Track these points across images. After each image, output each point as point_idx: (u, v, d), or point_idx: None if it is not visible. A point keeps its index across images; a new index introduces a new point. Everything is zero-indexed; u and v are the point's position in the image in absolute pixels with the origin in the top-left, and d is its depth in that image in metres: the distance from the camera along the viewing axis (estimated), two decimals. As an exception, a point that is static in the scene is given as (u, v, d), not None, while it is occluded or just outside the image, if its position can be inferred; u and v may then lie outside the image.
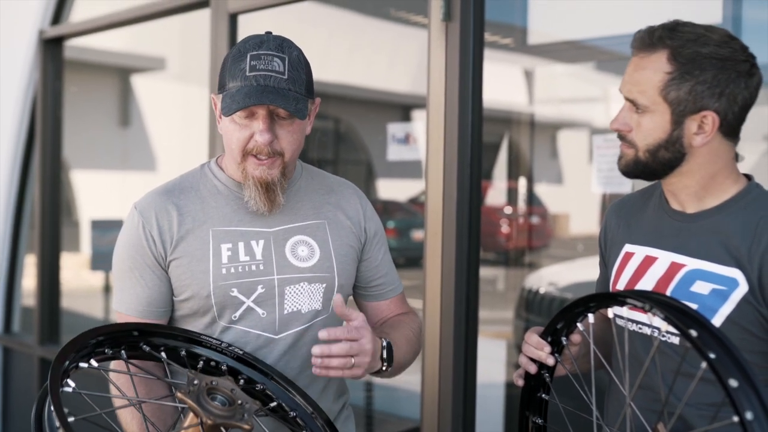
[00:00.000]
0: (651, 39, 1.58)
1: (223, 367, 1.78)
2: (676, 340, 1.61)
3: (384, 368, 1.81)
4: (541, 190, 7.21)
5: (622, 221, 1.81)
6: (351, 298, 2.09)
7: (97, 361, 1.63)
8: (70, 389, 1.48)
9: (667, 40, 1.56)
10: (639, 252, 1.72)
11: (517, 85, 5.72)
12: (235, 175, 1.90)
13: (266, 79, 1.74)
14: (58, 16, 5.13)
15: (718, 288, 1.56)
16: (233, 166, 1.87)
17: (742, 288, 1.54)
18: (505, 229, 6.79)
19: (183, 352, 1.77)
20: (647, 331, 1.66)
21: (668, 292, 1.62)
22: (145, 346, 1.73)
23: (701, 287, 1.58)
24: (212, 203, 1.90)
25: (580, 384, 1.57)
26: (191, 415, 1.55)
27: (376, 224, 2.06)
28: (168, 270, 1.87)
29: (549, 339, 1.62)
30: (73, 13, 5.19)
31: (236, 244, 1.87)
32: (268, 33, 1.84)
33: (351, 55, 6.23)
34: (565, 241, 7.43)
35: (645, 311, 1.37)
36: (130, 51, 7.95)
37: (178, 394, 1.52)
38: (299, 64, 1.81)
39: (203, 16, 3.91)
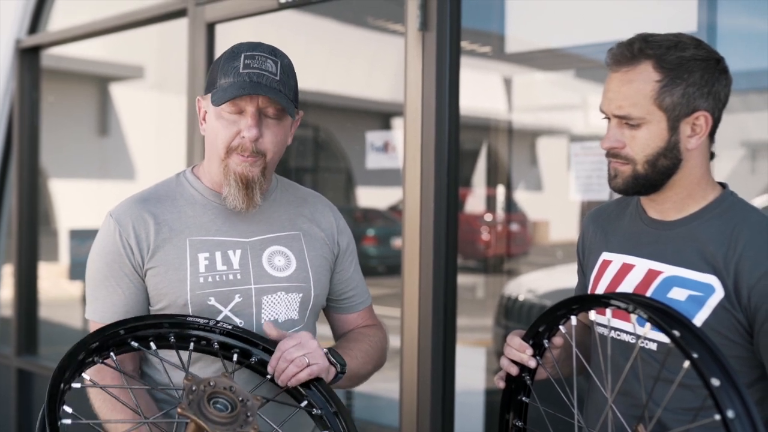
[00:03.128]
0: (631, 52, 1.59)
1: (215, 345, 1.78)
2: (653, 346, 1.63)
3: (339, 371, 1.84)
4: (521, 197, 7.24)
5: (600, 230, 1.82)
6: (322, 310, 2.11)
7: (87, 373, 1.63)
8: (69, 421, 1.49)
9: (647, 51, 1.58)
10: (616, 260, 1.73)
11: (496, 93, 5.75)
12: (214, 181, 1.90)
13: (259, 77, 1.77)
14: (35, 26, 5.11)
15: (695, 294, 1.58)
16: (214, 167, 1.87)
17: (718, 294, 1.56)
18: (485, 236, 6.81)
19: (172, 339, 1.76)
20: (626, 338, 1.68)
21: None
22: (133, 342, 1.73)
23: (678, 293, 1.60)
24: (189, 212, 1.90)
25: (561, 387, 1.58)
26: (192, 426, 1.54)
27: (348, 237, 2.07)
28: (145, 278, 1.86)
29: (531, 342, 1.63)
30: (50, 22, 5.17)
31: (213, 254, 1.87)
32: (261, 42, 1.87)
33: (330, 63, 6.24)
34: (544, 248, 7.46)
35: (628, 312, 1.38)
36: (108, 59, 7.92)
37: (180, 410, 1.50)
38: (290, 70, 1.85)
39: (181, 24, 3.91)
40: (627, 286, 1.68)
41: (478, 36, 4.81)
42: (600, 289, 1.74)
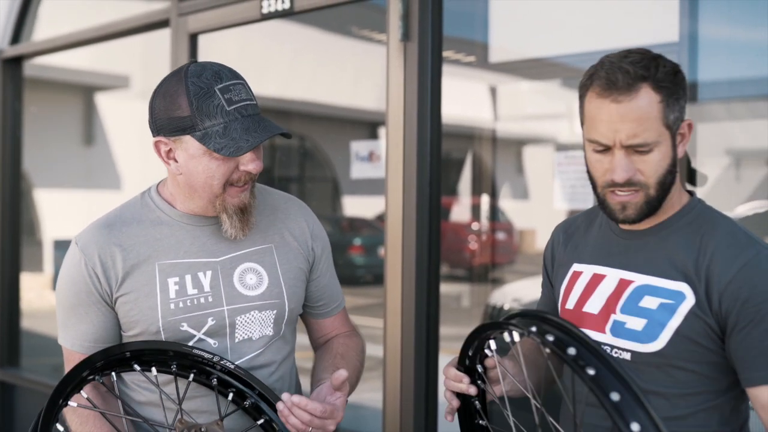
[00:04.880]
0: (632, 79, 1.55)
1: (213, 381, 1.76)
2: (627, 356, 1.63)
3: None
4: (507, 206, 7.25)
5: (570, 242, 1.82)
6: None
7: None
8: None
9: (643, 73, 1.56)
10: (587, 271, 1.73)
11: (482, 102, 5.76)
12: (190, 209, 1.86)
13: (247, 110, 1.73)
14: (17, 36, 5.09)
15: (666, 302, 1.59)
16: (200, 202, 1.82)
17: (689, 301, 1.57)
18: (472, 245, 6.82)
19: (174, 368, 1.75)
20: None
21: (618, 309, 1.64)
22: (136, 366, 1.72)
23: (649, 302, 1.60)
24: (156, 235, 1.85)
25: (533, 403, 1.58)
26: None
27: (322, 242, 2.04)
28: (115, 306, 1.83)
29: (466, 368, 1.63)
30: (34, 32, 5.16)
31: (183, 278, 1.83)
32: (194, 62, 1.81)
33: (316, 72, 6.24)
34: (531, 256, 7.47)
35: (528, 336, 1.36)
36: (94, 69, 7.91)
37: None
38: (250, 87, 1.82)
39: (166, 34, 3.90)
40: (598, 296, 1.68)
41: (463, 45, 4.83)
42: (571, 301, 1.74)
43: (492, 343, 1.51)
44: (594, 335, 1.68)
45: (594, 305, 1.68)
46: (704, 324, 1.56)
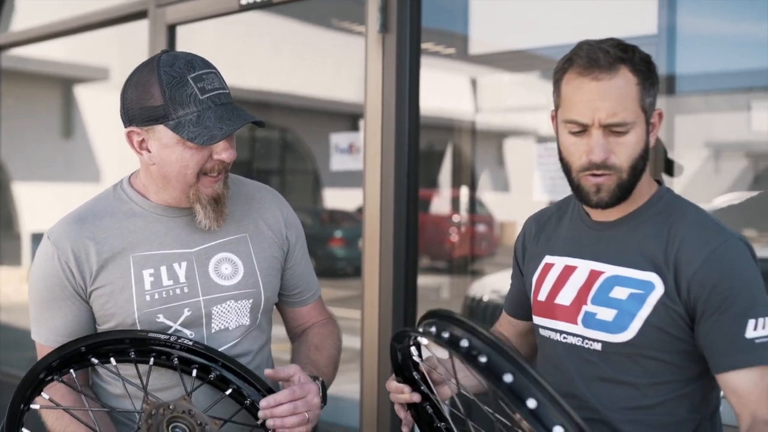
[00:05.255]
0: (612, 59, 1.57)
1: (175, 360, 1.75)
2: (598, 346, 1.64)
3: (322, 407, 1.80)
4: (488, 198, 7.27)
5: (542, 234, 1.83)
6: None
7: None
8: None
9: (621, 55, 1.58)
10: (558, 262, 1.74)
11: (463, 94, 5.77)
12: (163, 200, 1.85)
13: (220, 98, 1.73)
14: (-7, 27, 5.06)
15: (636, 292, 1.60)
16: (173, 192, 1.81)
17: (659, 290, 1.58)
18: (453, 237, 6.83)
19: (132, 354, 1.74)
20: (572, 340, 1.68)
21: (589, 299, 1.65)
22: (93, 359, 1.70)
23: (620, 292, 1.61)
24: (130, 227, 1.84)
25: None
26: None
27: (297, 231, 2.03)
28: (89, 300, 1.82)
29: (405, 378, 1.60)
30: (12, 22, 5.12)
31: (158, 269, 1.82)
32: (166, 51, 1.80)
33: (296, 64, 6.23)
34: (511, 248, 7.48)
35: (432, 340, 1.31)
36: (73, 61, 7.86)
37: None
38: (222, 76, 1.81)
39: (145, 25, 3.88)
40: (570, 287, 1.69)
41: (443, 37, 4.83)
42: (543, 292, 1.75)
43: (414, 350, 1.48)
44: (566, 326, 1.69)
45: (566, 297, 1.69)
46: (673, 313, 1.57)
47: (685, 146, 4.40)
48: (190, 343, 1.77)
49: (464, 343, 1.15)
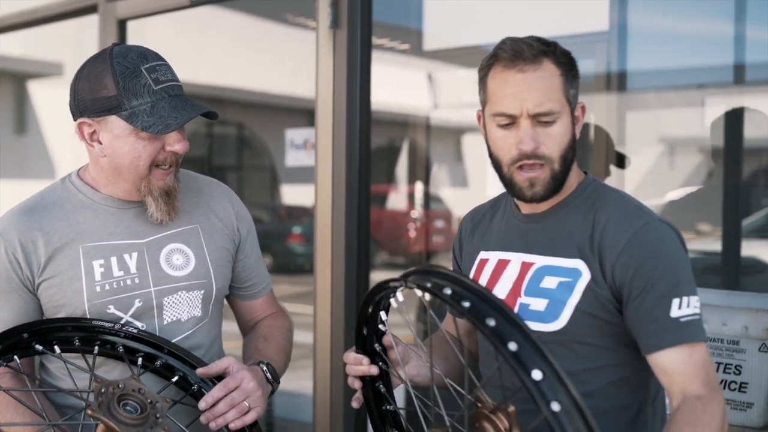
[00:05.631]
0: (534, 52, 1.62)
1: (120, 348, 1.74)
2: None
3: (274, 388, 1.82)
4: (446, 193, 7.29)
5: (476, 230, 1.85)
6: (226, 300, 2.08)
7: None
8: None
9: (544, 48, 1.63)
10: (492, 257, 1.76)
11: (421, 90, 5.78)
12: (114, 192, 1.85)
13: (173, 90, 1.73)
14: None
15: (564, 280, 1.63)
16: (124, 185, 1.81)
17: (585, 277, 1.61)
18: (411, 233, 6.85)
19: (77, 342, 1.73)
20: None
21: (522, 291, 1.67)
22: (37, 345, 1.69)
23: (550, 282, 1.64)
24: (79, 218, 1.83)
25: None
26: (102, 428, 1.51)
27: (248, 223, 2.03)
28: (37, 292, 1.80)
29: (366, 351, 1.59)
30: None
31: (108, 260, 1.81)
32: (117, 44, 1.80)
33: (252, 60, 6.20)
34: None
35: (403, 289, 1.30)
36: (26, 56, 7.74)
37: (89, 412, 1.48)
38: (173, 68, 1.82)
39: (96, 20, 3.84)
40: (505, 281, 1.71)
41: (398, 32, 4.84)
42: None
43: (383, 315, 1.47)
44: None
45: (501, 291, 1.71)
46: (602, 297, 1.60)
47: (639, 142, 4.46)
48: (135, 331, 1.77)
49: (447, 290, 1.16)
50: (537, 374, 1.04)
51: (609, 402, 1.64)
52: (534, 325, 1.64)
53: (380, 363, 1.58)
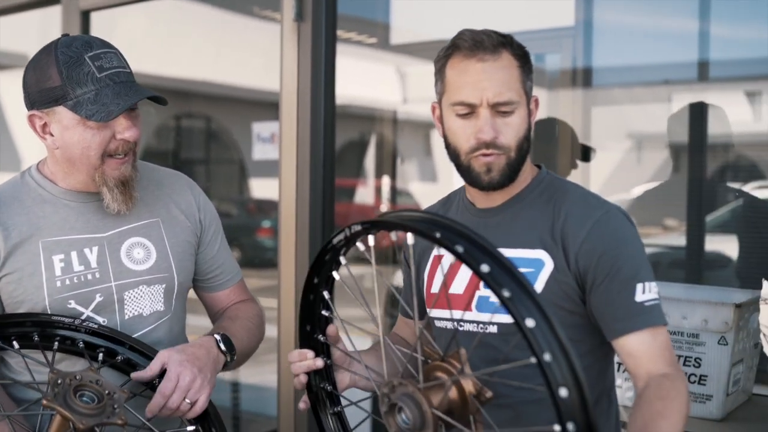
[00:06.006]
0: (494, 42, 1.64)
1: (80, 344, 1.74)
2: (494, 329, 1.67)
3: (229, 359, 1.81)
4: (415, 188, 7.30)
5: None
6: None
7: None
8: None
9: (503, 40, 1.65)
10: (448, 254, 1.76)
11: (392, 84, 5.78)
12: (72, 185, 1.84)
13: (119, 76, 1.72)
14: None
15: (527, 271, 1.64)
16: (79, 176, 1.80)
17: (548, 267, 1.63)
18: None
19: (36, 338, 1.72)
20: (469, 327, 1.71)
21: (481, 284, 1.68)
22: None
23: None
24: (39, 213, 1.82)
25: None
26: (58, 419, 1.51)
27: (210, 214, 2.03)
28: None
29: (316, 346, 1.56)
30: None
31: (69, 254, 1.81)
32: (66, 35, 1.79)
33: (220, 52, 6.17)
34: (438, 238, 7.50)
35: (365, 235, 1.30)
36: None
37: (45, 402, 1.48)
38: (124, 56, 1.80)
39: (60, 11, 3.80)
40: (462, 275, 1.72)
41: (366, 26, 4.83)
42: (436, 284, 1.77)
43: (327, 295, 1.45)
44: (460, 314, 1.71)
45: (458, 285, 1.72)
46: (565, 286, 1.61)
47: (605, 137, 4.48)
48: (95, 326, 1.76)
49: (460, 248, 1.14)
50: (506, 293, 1.06)
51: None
52: (496, 318, 1.65)
53: (325, 358, 1.55)
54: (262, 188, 7.28)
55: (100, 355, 1.75)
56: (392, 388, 1.24)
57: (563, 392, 0.99)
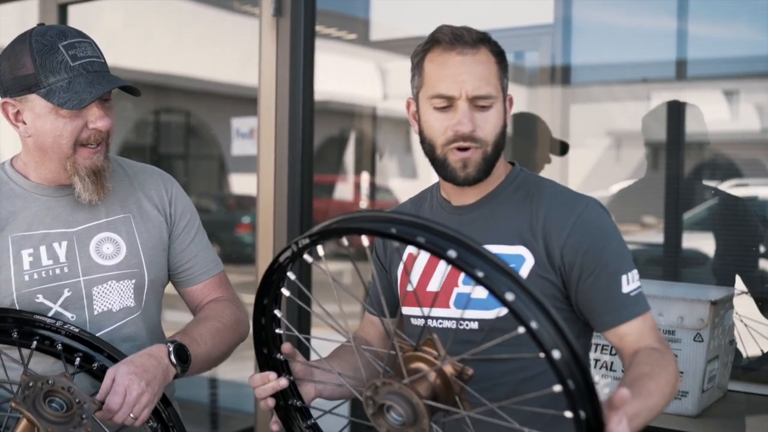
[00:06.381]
0: (474, 37, 1.64)
1: (58, 346, 1.72)
2: (475, 325, 1.66)
3: (179, 371, 1.75)
4: (395, 184, 7.29)
5: None
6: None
7: None
8: None
9: (482, 36, 1.66)
10: (422, 252, 1.76)
11: (373, 80, 5.77)
12: (45, 178, 1.82)
13: (92, 66, 1.72)
14: None
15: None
16: (51, 166, 1.79)
17: (529, 262, 1.63)
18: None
19: (15, 335, 1.71)
20: (448, 324, 1.70)
21: (460, 281, 1.68)
22: None
23: None
24: (9, 207, 1.81)
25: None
26: (24, 422, 1.49)
27: (183, 207, 2.00)
28: None
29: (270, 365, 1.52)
30: None
31: (38, 249, 1.80)
32: (41, 24, 1.78)
33: (199, 47, 6.14)
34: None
35: (312, 246, 1.28)
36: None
37: (13, 405, 1.46)
38: (99, 47, 1.80)
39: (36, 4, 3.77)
40: (439, 273, 1.71)
41: (346, 22, 4.82)
42: (412, 283, 1.76)
43: (278, 313, 1.43)
44: (439, 312, 1.71)
45: (435, 283, 1.71)
46: (547, 282, 1.62)
47: (584, 134, 4.50)
48: (76, 330, 1.74)
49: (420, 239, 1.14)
50: (479, 273, 1.08)
51: (550, 386, 1.65)
52: (475, 314, 1.65)
53: (287, 375, 1.52)
54: (241, 184, 7.25)
55: (77, 359, 1.73)
56: (375, 390, 1.24)
57: (556, 354, 1.05)
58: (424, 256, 1.75)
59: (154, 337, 1.95)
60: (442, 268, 1.71)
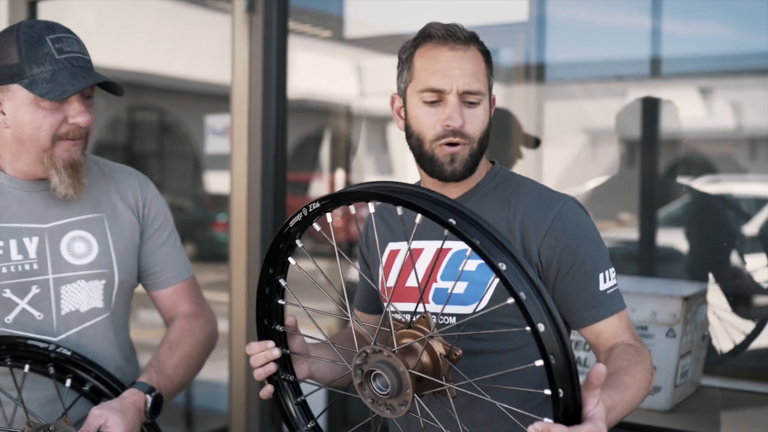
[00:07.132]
0: (465, 34, 1.65)
1: (51, 369, 1.72)
2: (453, 320, 1.66)
3: (148, 421, 1.75)
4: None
5: (383, 223, 1.84)
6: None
7: None
8: None
9: (471, 35, 1.66)
10: (404, 247, 1.76)
11: (348, 78, 5.76)
12: (21, 171, 1.81)
13: (78, 61, 1.73)
14: None
15: (484, 262, 1.63)
16: (27, 158, 1.78)
17: None
18: (336, 221, 6.82)
19: (8, 361, 1.70)
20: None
21: (438, 277, 1.68)
22: None
23: (469, 265, 1.65)
24: None
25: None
26: None
27: (157, 210, 1.98)
28: None
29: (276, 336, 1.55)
30: None
31: (8, 242, 1.78)
32: (40, 21, 1.78)
33: (175, 45, 6.10)
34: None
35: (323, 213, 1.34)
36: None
37: None
38: (85, 46, 1.80)
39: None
40: (420, 268, 1.71)
41: (320, 19, 4.80)
42: (392, 279, 1.76)
43: (283, 282, 1.45)
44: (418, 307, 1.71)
45: (415, 278, 1.71)
46: None
47: (563, 132, 4.51)
48: (69, 353, 1.75)
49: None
50: (476, 240, 1.14)
51: (526, 381, 1.65)
52: (454, 309, 1.65)
53: (283, 348, 1.55)
54: (216, 182, 7.22)
55: (69, 380, 1.74)
56: (365, 358, 1.30)
57: (541, 327, 1.12)
58: (403, 253, 1.74)
59: (121, 339, 1.93)
60: (422, 263, 1.70)
